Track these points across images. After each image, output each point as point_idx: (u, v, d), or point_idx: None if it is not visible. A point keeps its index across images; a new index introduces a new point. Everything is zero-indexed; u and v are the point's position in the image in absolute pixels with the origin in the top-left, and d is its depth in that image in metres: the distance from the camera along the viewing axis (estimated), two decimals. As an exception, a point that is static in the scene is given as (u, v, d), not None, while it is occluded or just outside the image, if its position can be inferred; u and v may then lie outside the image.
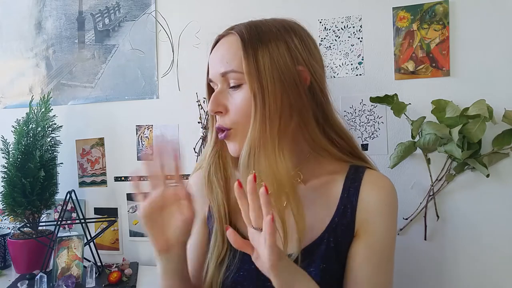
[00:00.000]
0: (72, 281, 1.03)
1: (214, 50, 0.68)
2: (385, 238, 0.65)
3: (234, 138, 0.65)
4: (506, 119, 0.92)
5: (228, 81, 0.64)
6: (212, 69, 0.66)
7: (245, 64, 0.61)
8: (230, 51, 0.64)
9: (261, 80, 0.61)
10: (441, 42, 1.01)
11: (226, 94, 0.65)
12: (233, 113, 0.64)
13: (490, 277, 1.00)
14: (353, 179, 0.68)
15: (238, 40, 0.63)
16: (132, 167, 1.29)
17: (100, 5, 1.31)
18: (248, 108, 0.61)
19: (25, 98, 1.38)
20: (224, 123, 0.65)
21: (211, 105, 0.65)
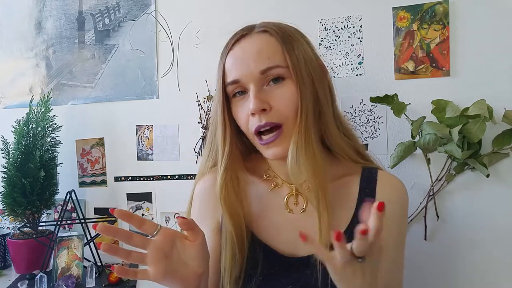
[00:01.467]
0: (72, 281, 1.03)
1: (239, 49, 0.65)
2: (400, 234, 0.68)
3: (282, 139, 0.63)
4: (506, 119, 0.92)
5: (267, 78, 0.63)
6: (245, 68, 0.63)
7: (289, 58, 0.62)
8: (268, 47, 0.63)
9: (303, 73, 0.63)
10: (441, 42, 1.01)
11: (264, 92, 0.63)
12: (282, 108, 0.62)
13: (490, 277, 1.00)
14: (368, 180, 0.69)
15: (273, 36, 0.64)
16: (132, 167, 1.29)
17: (100, 5, 1.31)
18: (296, 101, 0.62)
19: (25, 98, 1.38)
20: (272, 119, 0.62)
21: (256, 102, 0.61)
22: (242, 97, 0.66)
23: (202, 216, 0.72)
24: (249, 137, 0.67)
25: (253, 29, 0.67)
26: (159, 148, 1.26)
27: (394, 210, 0.66)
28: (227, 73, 0.66)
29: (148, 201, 1.28)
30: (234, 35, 0.68)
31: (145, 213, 1.28)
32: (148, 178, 1.28)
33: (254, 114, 0.62)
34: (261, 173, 0.73)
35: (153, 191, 1.28)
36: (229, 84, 0.65)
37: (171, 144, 1.25)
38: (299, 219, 0.68)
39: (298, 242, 0.65)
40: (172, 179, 1.25)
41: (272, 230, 0.68)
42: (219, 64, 0.68)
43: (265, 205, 0.70)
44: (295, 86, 0.62)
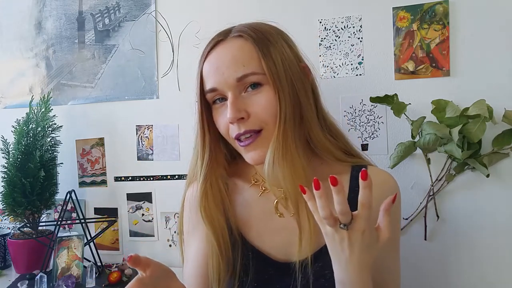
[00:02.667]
0: (72, 281, 1.03)
1: (215, 57, 0.64)
2: (395, 231, 0.68)
3: (261, 143, 0.62)
4: (506, 119, 0.92)
5: (245, 85, 0.62)
6: (219, 76, 0.62)
7: (265, 64, 0.61)
8: (243, 53, 0.62)
9: (281, 79, 0.62)
10: (441, 42, 1.01)
11: (242, 99, 0.62)
12: (260, 114, 0.61)
13: (490, 277, 1.00)
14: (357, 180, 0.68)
15: (248, 41, 0.62)
16: (132, 167, 1.29)
17: (100, 5, 1.31)
18: (275, 107, 0.61)
19: (25, 98, 1.38)
20: (252, 126, 0.62)
21: (233, 112, 0.60)
22: (222, 104, 0.65)
23: (195, 223, 0.71)
24: (230, 142, 0.67)
25: (229, 33, 0.65)
26: (159, 148, 1.26)
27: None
28: (204, 81, 0.65)
29: (148, 201, 1.28)
30: (210, 41, 0.67)
31: (145, 213, 1.29)
32: (148, 178, 1.28)
33: (232, 123, 0.62)
34: (249, 178, 0.72)
35: (153, 191, 1.28)
36: (207, 92, 0.65)
37: (171, 144, 1.25)
38: (290, 222, 0.67)
39: (291, 245, 0.65)
40: (172, 179, 1.25)
41: (264, 235, 0.68)
42: (197, 71, 0.67)
43: (255, 210, 0.69)
44: (273, 91, 0.61)
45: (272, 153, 0.60)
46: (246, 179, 0.72)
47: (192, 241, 0.72)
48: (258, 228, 0.68)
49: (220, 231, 0.65)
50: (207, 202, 0.66)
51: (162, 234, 1.27)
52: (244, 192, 0.71)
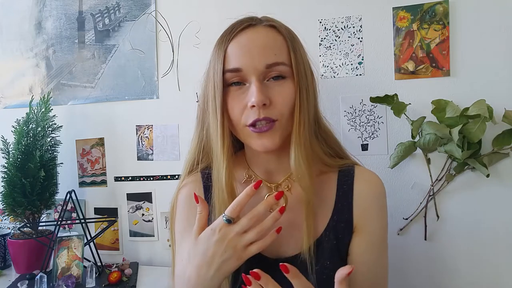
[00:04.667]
0: (72, 281, 1.03)
1: (246, 38, 0.63)
2: (381, 230, 0.68)
3: (276, 131, 0.62)
4: (506, 119, 0.92)
5: (269, 75, 0.62)
6: (249, 58, 0.62)
7: (294, 58, 0.63)
8: (276, 42, 0.63)
9: (303, 75, 0.64)
10: (441, 42, 1.01)
11: (266, 86, 0.62)
12: (280, 105, 0.62)
13: (490, 277, 1.00)
14: (345, 178, 0.70)
15: (280, 33, 0.65)
16: (132, 167, 1.29)
17: (100, 5, 1.31)
18: (293, 101, 0.62)
19: (25, 98, 1.38)
20: (271, 114, 0.61)
21: (260, 95, 0.59)
22: (238, 87, 0.63)
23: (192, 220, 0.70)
24: (237, 129, 0.65)
25: (260, 21, 0.66)
26: (159, 148, 1.27)
27: (373, 204, 0.68)
28: (228, 60, 0.63)
29: (148, 201, 1.28)
30: (239, 22, 0.66)
31: (145, 213, 1.29)
32: (148, 178, 1.28)
33: (254, 106, 0.60)
34: (241, 176, 0.72)
35: (153, 191, 1.28)
36: (229, 71, 0.63)
37: (171, 144, 1.25)
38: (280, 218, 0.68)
39: (280, 241, 0.66)
40: (172, 179, 1.25)
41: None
42: (219, 48, 0.65)
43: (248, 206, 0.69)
44: (294, 86, 0.63)
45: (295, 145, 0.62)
46: (239, 176, 0.73)
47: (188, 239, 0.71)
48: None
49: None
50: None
51: (162, 234, 1.27)
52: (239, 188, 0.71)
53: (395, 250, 1.05)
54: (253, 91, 0.60)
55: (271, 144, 0.62)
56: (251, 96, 0.60)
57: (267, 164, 0.70)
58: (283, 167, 0.69)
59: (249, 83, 0.62)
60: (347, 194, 0.68)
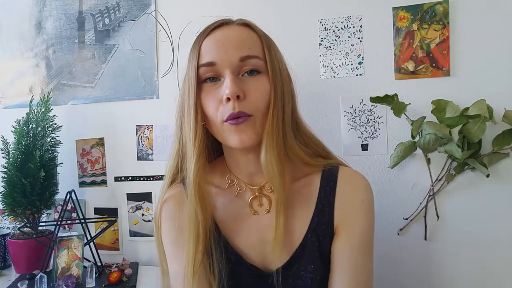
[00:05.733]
0: (72, 281, 1.03)
1: (220, 34, 0.64)
2: (364, 232, 0.66)
3: (252, 125, 0.61)
4: (506, 119, 0.92)
5: (244, 68, 0.62)
6: (223, 52, 0.62)
7: (268, 53, 0.64)
8: (250, 38, 0.64)
9: (277, 72, 0.64)
10: (441, 42, 1.01)
11: (240, 80, 0.62)
12: (255, 99, 0.61)
13: (490, 277, 1.00)
14: (328, 178, 0.68)
15: (255, 31, 0.65)
16: (132, 167, 1.29)
17: (100, 5, 1.31)
18: (268, 96, 0.62)
19: (25, 98, 1.38)
20: (246, 109, 0.60)
21: (234, 87, 0.59)
22: (213, 84, 0.63)
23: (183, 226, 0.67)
24: (215, 127, 0.64)
25: (234, 22, 0.67)
26: (159, 148, 1.26)
27: (356, 207, 0.66)
28: (202, 55, 0.63)
29: (148, 201, 1.28)
30: (214, 22, 0.67)
31: (145, 213, 1.29)
32: (148, 178, 1.28)
33: (229, 99, 0.59)
34: (223, 181, 0.71)
35: (153, 191, 1.28)
36: (203, 65, 0.62)
37: (171, 144, 1.25)
38: (264, 220, 0.67)
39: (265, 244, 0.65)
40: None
41: (242, 236, 0.68)
42: (194, 46, 0.66)
43: (234, 211, 0.69)
44: (268, 82, 0.62)
45: (266, 141, 0.61)
46: (222, 183, 0.71)
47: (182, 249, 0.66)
48: (237, 228, 0.68)
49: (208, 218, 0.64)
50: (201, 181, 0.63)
51: (162, 234, 1.27)
52: (221, 197, 0.70)
53: (395, 250, 1.05)
54: (227, 84, 0.60)
55: (248, 139, 0.61)
56: (225, 88, 0.60)
57: (248, 166, 0.68)
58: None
59: (224, 78, 0.62)
60: (329, 195, 0.67)
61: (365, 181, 0.69)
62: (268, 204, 0.68)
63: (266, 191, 0.69)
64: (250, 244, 0.67)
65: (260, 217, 0.68)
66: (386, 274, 1.05)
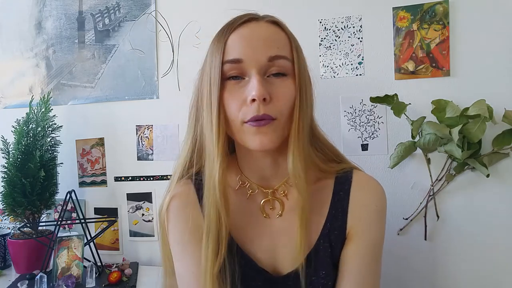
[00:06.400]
0: (72, 281, 1.03)
1: (248, 30, 0.60)
2: (376, 238, 0.65)
3: (275, 129, 0.58)
4: (506, 119, 0.92)
5: (271, 69, 0.59)
6: (251, 49, 0.58)
7: (296, 55, 0.61)
8: (279, 37, 0.61)
9: (304, 75, 0.62)
10: (441, 42, 1.01)
11: (266, 82, 0.59)
12: (280, 102, 0.58)
13: (490, 277, 1.00)
14: (342, 184, 0.67)
15: (283, 30, 0.63)
16: (132, 167, 1.29)
17: (100, 5, 1.31)
18: (293, 100, 0.60)
19: (25, 98, 1.38)
20: (270, 111, 0.57)
21: (261, 89, 0.56)
22: (237, 82, 0.60)
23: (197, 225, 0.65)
24: (233, 127, 0.61)
25: (262, 17, 0.64)
26: (159, 148, 1.27)
27: (370, 212, 0.65)
28: (228, 50, 0.59)
29: (148, 201, 1.28)
30: (241, 16, 0.63)
31: (145, 213, 1.29)
32: (148, 178, 1.28)
33: (254, 100, 0.57)
34: (234, 182, 0.69)
35: (153, 191, 1.28)
36: (229, 62, 0.59)
37: (171, 144, 1.25)
38: (276, 224, 0.66)
39: (277, 248, 0.64)
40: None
41: (253, 239, 0.66)
42: (218, 40, 0.62)
43: (245, 214, 0.68)
44: (294, 85, 0.60)
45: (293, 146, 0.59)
46: (232, 182, 0.69)
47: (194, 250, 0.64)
48: (248, 232, 0.67)
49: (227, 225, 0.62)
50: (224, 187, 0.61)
51: (162, 234, 1.27)
52: (232, 197, 0.67)
53: (395, 250, 1.05)
54: (253, 84, 0.57)
55: (269, 142, 0.58)
56: (252, 89, 0.57)
57: (263, 169, 0.66)
58: (280, 172, 0.66)
59: (249, 77, 0.59)
60: (343, 201, 0.66)
61: (379, 187, 0.68)
62: (280, 208, 0.67)
63: (279, 194, 0.67)
64: (261, 247, 0.66)
65: (272, 220, 0.67)
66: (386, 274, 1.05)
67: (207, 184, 0.62)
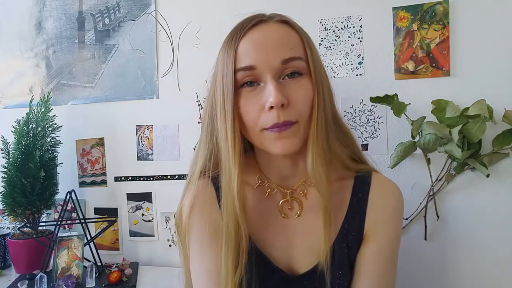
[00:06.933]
0: (72, 281, 1.03)
1: (258, 34, 0.59)
2: (393, 242, 0.66)
3: (297, 132, 0.58)
4: (506, 119, 0.92)
5: (285, 72, 0.58)
6: (263, 54, 0.57)
7: (310, 53, 0.60)
8: (290, 38, 0.59)
9: (320, 72, 0.61)
10: (441, 42, 1.01)
11: (282, 85, 0.57)
12: (299, 105, 0.57)
13: (490, 277, 1.00)
14: (361, 185, 0.67)
15: (294, 29, 0.61)
16: (132, 167, 1.29)
17: (100, 5, 1.31)
18: (311, 99, 0.58)
19: (25, 98, 1.38)
20: (290, 116, 0.56)
21: (278, 96, 0.54)
22: (252, 88, 0.58)
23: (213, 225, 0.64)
24: (252, 134, 0.60)
25: (271, 17, 0.62)
26: (159, 148, 1.27)
27: (387, 215, 0.65)
28: (239, 58, 0.58)
29: (148, 201, 1.28)
30: (250, 18, 0.62)
31: (145, 213, 1.29)
32: (148, 178, 1.28)
33: (272, 107, 0.55)
34: (253, 180, 0.69)
35: (153, 191, 1.28)
36: (242, 69, 0.58)
37: (171, 144, 1.25)
38: (294, 225, 0.66)
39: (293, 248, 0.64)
40: (172, 179, 1.25)
41: (269, 238, 0.66)
42: (228, 47, 0.60)
43: (262, 213, 0.67)
44: (311, 83, 0.59)
45: (312, 148, 0.59)
46: (251, 181, 0.69)
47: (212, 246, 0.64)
48: (265, 231, 0.66)
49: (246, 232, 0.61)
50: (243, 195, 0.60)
51: (162, 234, 1.27)
52: (250, 196, 0.67)
53: (395, 250, 1.05)
54: (270, 91, 0.55)
55: (291, 146, 0.57)
56: (269, 96, 0.55)
57: (282, 170, 0.66)
58: (299, 171, 0.66)
59: (264, 83, 0.57)
60: (361, 202, 0.65)
61: (398, 189, 0.68)
62: (299, 208, 0.66)
63: (298, 194, 0.67)
64: (277, 247, 0.65)
65: (290, 220, 0.66)
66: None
67: (225, 194, 0.61)
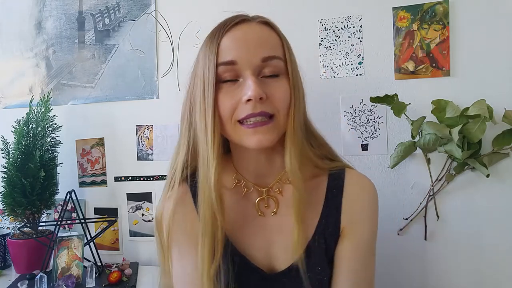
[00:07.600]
0: (72, 281, 1.03)
1: (241, 32, 0.61)
2: (369, 235, 0.67)
3: (273, 127, 0.60)
4: (506, 119, 0.92)
5: (264, 70, 0.60)
6: (245, 51, 0.59)
7: (288, 54, 0.63)
8: (271, 38, 0.62)
9: (296, 74, 0.64)
10: (441, 42, 1.01)
11: (261, 82, 0.59)
12: (277, 100, 0.60)
13: (490, 277, 1.00)
14: (335, 181, 0.68)
15: (275, 30, 0.64)
16: (132, 167, 1.29)
17: (100, 5, 1.31)
18: (289, 97, 0.61)
19: (25, 98, 1.38)
20: (267, 109, 0.59)
21: (257, 89, 0.57)
22: (232, 83, 0.60)
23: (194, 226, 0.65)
24: (227, 127, 0.61)
25: (253, 18, 0.65)
26: (159, 148, 1.27)
27: (363, 209, 0.66)
28: (221, 52, 0.60)
29: (148, 201, 1.28)
30: (233, 17, 0.64)
31: (145, 213, 1.29)
32: (148, 178, 1.28)
33: (250, 100, 0.57)
34: (230, 181, 0.69)
35: (153, 191, 1.28)
36: (223, 63, 0.59)
37: (171, 144, 1.25)
38: (271, 222, 0.67)
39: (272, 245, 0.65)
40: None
41: (248, 238, 0.67)
42: (211, 42, 0.62)
43: (240, 213, 0.68)
44: (288, 84, 0.62)
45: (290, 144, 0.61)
46: (228, 182, 0.69)
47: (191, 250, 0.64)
48: (243, 230, 0.67)
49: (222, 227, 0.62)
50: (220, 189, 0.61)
51: (162, 234, 1.27)
52: (227, 197, 0.68)
53: (395, 250, 1.05)
54: (249, 85, 0.58)
55: (267, 140, 0.59)
56: (247, 89, 0.57)
57: (257, 166, 0.67)
58: (274, 169, 0.67)
59: (244, 78, 0.59)
60: (336, 198, 0.67)
61: (371, 184, 0.69)
62: (275, 206, 0.67)
63: (274, 192, 0.68)
64: (255, 245, 0.66)
65: (267, 219, 0.67)
66: (386, 274, 1.05)
67: (202, 186, 0.62)
